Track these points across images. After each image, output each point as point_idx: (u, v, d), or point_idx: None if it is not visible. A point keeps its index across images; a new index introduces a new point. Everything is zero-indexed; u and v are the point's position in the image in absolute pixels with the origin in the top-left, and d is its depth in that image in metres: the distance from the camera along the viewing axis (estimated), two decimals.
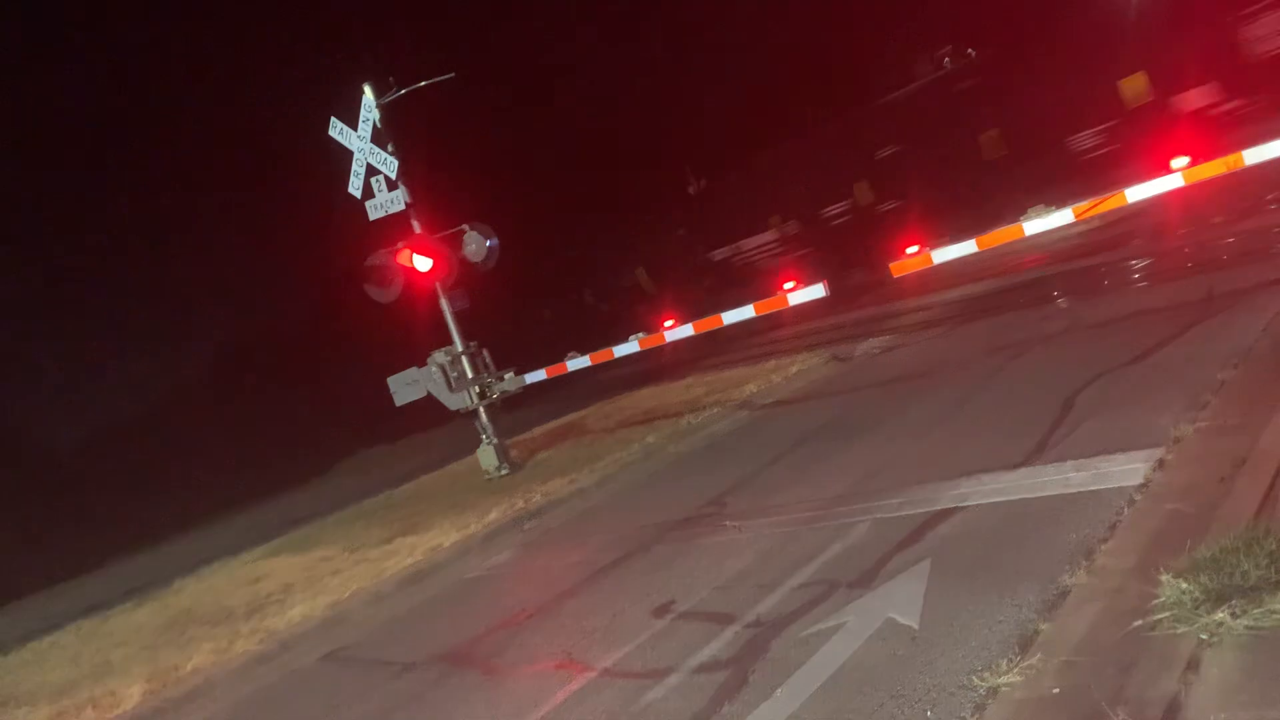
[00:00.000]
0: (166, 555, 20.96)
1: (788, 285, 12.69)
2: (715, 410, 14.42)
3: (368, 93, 14.36)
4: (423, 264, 14.32)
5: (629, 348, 14.12)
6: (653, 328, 14.28)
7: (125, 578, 19.00)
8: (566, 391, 23.03)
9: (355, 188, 14.70)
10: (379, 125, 14.34)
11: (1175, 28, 23.61)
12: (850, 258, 26.57)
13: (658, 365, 22.62)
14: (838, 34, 32.83)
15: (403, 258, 14.40)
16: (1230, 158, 9.40)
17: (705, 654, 5.84)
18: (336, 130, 14.67)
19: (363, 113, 14.38)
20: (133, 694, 8.74)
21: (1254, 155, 9.30)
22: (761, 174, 36.16)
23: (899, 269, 11.89)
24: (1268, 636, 3.89)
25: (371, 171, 14.53)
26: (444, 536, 11.37)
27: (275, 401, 34.94)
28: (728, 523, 8.65)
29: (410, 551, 11.17)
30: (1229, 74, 22.64)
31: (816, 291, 12.16)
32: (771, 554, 7.35)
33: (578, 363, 14.58)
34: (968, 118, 30.21)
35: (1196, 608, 4.15)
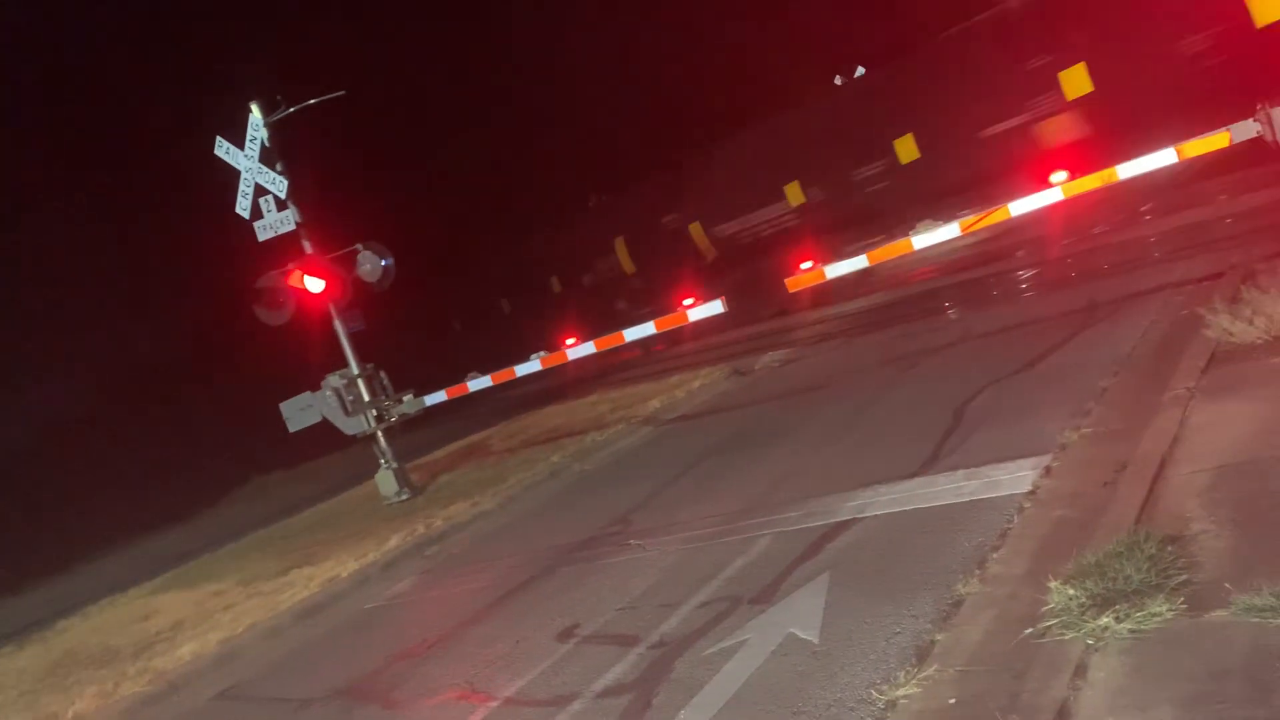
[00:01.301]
0: (49, 594, 19.99)
1: (687, 301, 12.77)
2: (620, 427, 14.40)
3: (255, 111, 13.98)
4: (315, 285, 13.97)
5: (530, 366, 14.02)
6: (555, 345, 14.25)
7: (5, 620, 18.06)
8: (469, 411, 22.76)
9: (243, 208, 14.28)
10: (267, 144, 13.98)
11: None
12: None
13: (562, 383, 22.53)
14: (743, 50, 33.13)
15: (294, 279, 14.02)
16: (1105, 172, 9.79)
17: (609, 678, 5.78)
18: (223, 150, 14.24)
19: (250, 131, 13.99)
20: None
21: (1127, 170, 9.70)
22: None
23: (794, 284, 12.06)
24: (1149, 639, 4.01)
25: (261, 191, 14.14)
26: (341, 566, 11.07)
27: (162, 429, 33.75)
28: (632, 541, 8.61)
29: (306, 583, 10.84)
30: None
31: (715, 308, 12.25)
32: (675, 572, 7.33)
33: (479, 382, 14.41)
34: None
35: (1083, 613, 4.26)
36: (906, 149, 21.31)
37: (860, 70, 30.26)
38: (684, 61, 35.29)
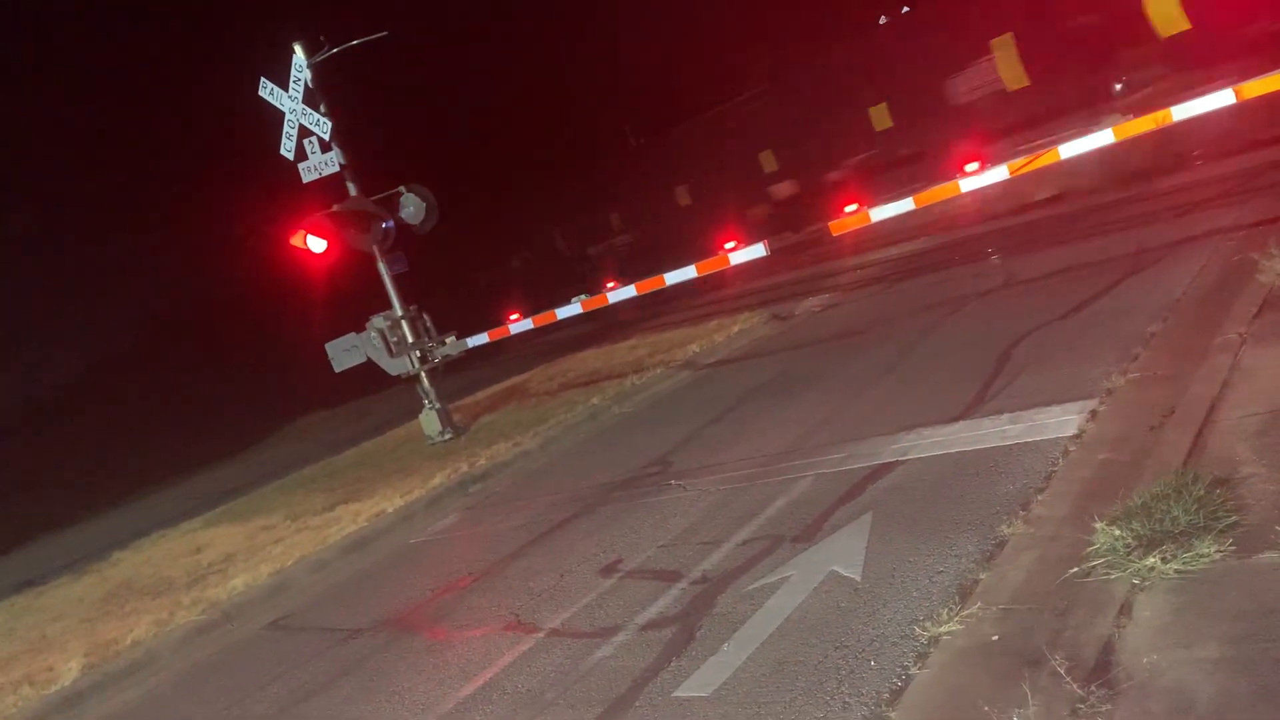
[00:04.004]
0: (103, 528, 20.57)
1: (729, 245, 12.72)
2: (659, 370, 14.46)
3: (298, 52, 13.99)
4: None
5: (572, 309, 14.08)
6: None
7: (60, 552, 18.64)
8: (509, 354, 22.97)
9: (288, 150, 14.37)
10: (310, 85, 14.00)
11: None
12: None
13: (601, 326, 22.61)
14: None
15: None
16: (1159, 114, 9.57)
17: (653, 611, 5.89)
18: (267, 91, 14.30)
19: (293, 73, 14.02)
20: (71, 668, 8.59)
21: (1182, 111, 9.48)
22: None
23: (838, 227, 11.96)
24: (1196, 579, 4.02)
25: (305, 133, 14.20)
26: (387, 502, 11.29)
27: (210, 369, 34.32)
28: (672, 481, 8.70)
29: (353, 518, 11.08)
30: None
31: (757, 251, 12.20)
32: (716, 511, 7.41)
33: (520, 325, 14.51)
34: None
35: (1129, 554, 4.28)
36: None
37: (905, 9, 29.72)
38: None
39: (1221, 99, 9.15)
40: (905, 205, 11.19)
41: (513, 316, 14.71)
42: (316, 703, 6.50)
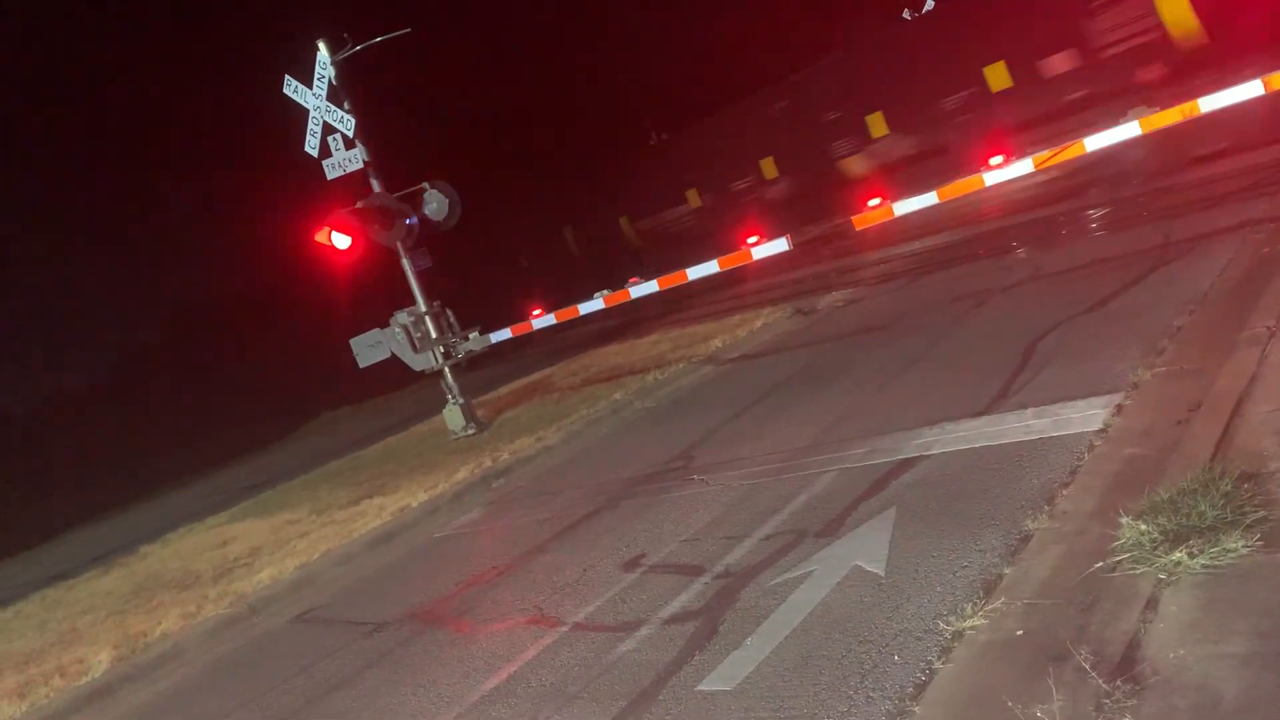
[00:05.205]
0: (131, 522, 20.82)
1: (751, 239, 12.70)
2: (681, 365, 14.46)
3: (322, 49, 14.09)
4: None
5: (594, 305, 14.09)
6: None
7: (89, 545, 18.88)
8: (532, 350, 23.03)
9: (312, 146, 14.47)
10: (334, 82, 14.10)
11: None
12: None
13: (623, 322, 22.62)
14: None
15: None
16: (1186, 106, 9.48)
17: (676, 605, 5.90)
18: (291, 89, 14.40)
19: (317, 70, 14.11)
20: (101, 660, 8.71)
21: (1209, 103, 9.38)
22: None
23: (861, 221, 11.91)
24: (1223, 574, 3.99)
25: (329, 130, 14.29)
26: (412, 497, 11.36)
27: (236, 366, 34.58)
28: (695, 476, 8.71)
29: (378, 512, 11.16)
30: None
31: (780, 245, 12.17)
32: (739, 506, 7.42)
33: (543, 320, 14.54)
34: None
35: (1155, 548, 4.25)
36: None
37: (929, 4, 29.57)
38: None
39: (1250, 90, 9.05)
40: (928, 199, 11.13)
41: (535, 312, 14.74)
42: (342, 695, 6.56)
